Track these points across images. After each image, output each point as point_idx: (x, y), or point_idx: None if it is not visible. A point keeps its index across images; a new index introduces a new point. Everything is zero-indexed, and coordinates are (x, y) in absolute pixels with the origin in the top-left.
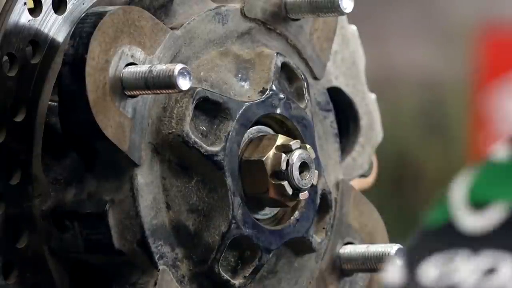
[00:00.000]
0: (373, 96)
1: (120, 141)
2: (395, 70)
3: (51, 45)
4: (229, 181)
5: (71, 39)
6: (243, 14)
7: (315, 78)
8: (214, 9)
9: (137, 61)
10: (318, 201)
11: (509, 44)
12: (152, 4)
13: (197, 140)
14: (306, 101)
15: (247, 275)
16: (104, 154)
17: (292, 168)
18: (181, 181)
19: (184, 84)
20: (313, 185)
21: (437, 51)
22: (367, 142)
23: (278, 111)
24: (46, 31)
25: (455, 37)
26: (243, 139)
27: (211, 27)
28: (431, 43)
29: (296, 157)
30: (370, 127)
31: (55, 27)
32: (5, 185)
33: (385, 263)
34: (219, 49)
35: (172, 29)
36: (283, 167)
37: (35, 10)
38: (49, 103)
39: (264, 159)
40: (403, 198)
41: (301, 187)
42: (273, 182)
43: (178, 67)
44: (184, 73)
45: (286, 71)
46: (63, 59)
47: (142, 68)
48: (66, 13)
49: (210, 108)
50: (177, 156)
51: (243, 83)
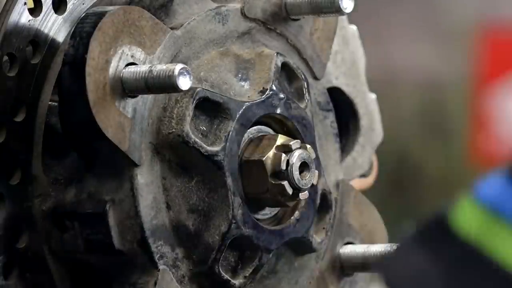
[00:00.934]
0: (373, 96)
1: (120, 141)
2: (396, 70)
3: (51, 45)
4: (229, 181)
5: (71, 39)
6: (243, 14)
7: (315, 78)
8: (214, 9)
9: (137, 61)
10: (318, 201)
11: (509, 44)
12: (152, 4)
13: (197, 140)
14: (306, 101)
15: (247, 275)
16: (104, 154)
17: (292, 168)
18: (181, 181)
19: (184, 84)
20: (313, 185)
21: (437, 51)
22: (367, 142)
23: (278, 111)
24: (46, 31)
25: (455, 37)
26: (243, 139)
27: (211, 27)
28: (431, 43)
29: (296, 157)
30: (370, 127)
31: (55, 27)
32: (5, 185)
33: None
34: (219, 49)
35: (172, 29)
36: (283, 167)
37: (35, 10)
38: (49, 103)
39: (264, 159)
40: (403, 198)
41: (301, 187)
42: (273, 182)
43: (178, 67)
44: (184, 73)
45: (286, 71)
46: (63, 59)
47: (142, 68)
48: (66, 13)
49: (210, 108)
50: (177, 156)
51: (243, 83)
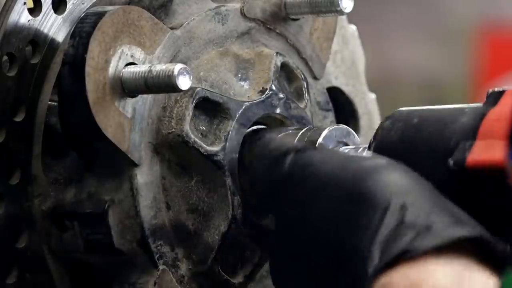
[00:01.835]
0: (373, 95)
1: (120, 141)
2: (395, 70)
3: (51, 45)
4: (228, 180)
5: (71, 39)
6: (243, 14)
7: (315, 78)
8: (213, 9)
9: (137, 61)
10: None
11: (509, 44)
12: (151, 3)
13: (196, 140)
14: (305, 100)
15: (247, 274)
16: (104, 154)
17: None
18: (181, 181)
19: (184, 84)
20: None
21: (437, 51)
22: (367, 142)
23: (277, 110)
24: (45, 31)
25: (455, 37)
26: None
27: (210, 27)
28: (431, 43)
29: None
30: (370, 127)
31: (54, 27)
32: (5, 185)
33: None
34: (218, 49)
35: (172, 29)
36: None
37: (35, 10)
38: (49, 103)
39: None
40: None
41: None
42: None
43: (177, 67)
44: (183, 73)
45: (285, 71)
46: (63, 59)
47: (141, 68)
48: (65, 13)
49: (209, 107)
50: (177, 156)
51: (242, 83)
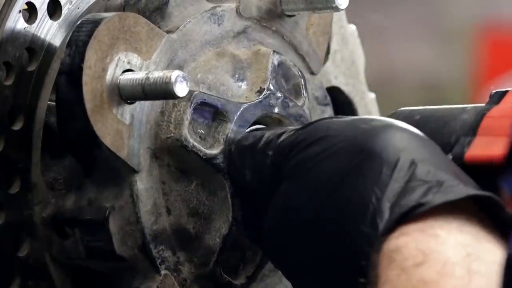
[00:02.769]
0: (372, 95)
1: (118, 149)
2: (395, 69)
3: (48, 51)
4: (228, 183)
5: (67, 48)
6: (239, 13)
7: (312, 73)
8: (209, 10)
9: (133, 67)
10: None
11: (509, 44)
12: (147, 7)
13: (195, 143)
14: (303, 98)
15: (249, 275)
16: (103, 161)
17: None
18: (181, 185)
19: (181, 90)
20: None
21: (437, 51)
22: None
23: (275, 110)
24: (42, 37)
25: (455, 37)
26: None
27: (207, 28)
28: (431, 43)
29: None
30: None
31: (50, 33)
32: (5, 195)
33: None
34: (215, 50)
35: (168, 32)
36: None
37: (30, 17)
38: (48, 103)
39: None
40: None
41: None
42: None
43: (174, 74)
44: (181, 80)
45: (283, 68)
46: (59, 68)
47: (139, 75)
48: (61, 18)
49: (207, 111)
50: (176, 160)
51: (240, 83)
